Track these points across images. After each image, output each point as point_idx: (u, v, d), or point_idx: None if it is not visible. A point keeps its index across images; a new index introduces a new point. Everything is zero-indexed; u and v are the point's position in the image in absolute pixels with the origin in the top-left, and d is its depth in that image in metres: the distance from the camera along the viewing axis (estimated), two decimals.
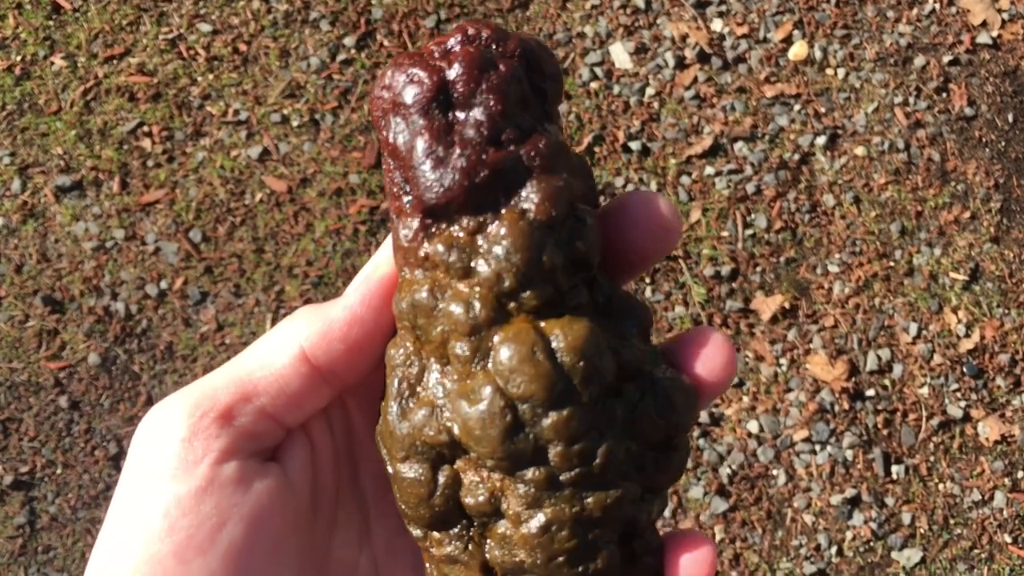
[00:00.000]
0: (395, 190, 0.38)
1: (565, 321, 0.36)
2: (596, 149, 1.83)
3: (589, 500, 0.37)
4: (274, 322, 1.73)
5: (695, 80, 1.87)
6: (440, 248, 0.37)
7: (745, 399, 1.67)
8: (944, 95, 1.85)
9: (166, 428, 0.38)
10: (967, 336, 1.69)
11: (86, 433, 1.69)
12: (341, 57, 1.89)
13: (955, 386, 1.67)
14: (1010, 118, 1.84)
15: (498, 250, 0.36)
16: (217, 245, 1.78)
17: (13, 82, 1.89)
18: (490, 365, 0.36)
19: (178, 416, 0.38)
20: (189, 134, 1.86)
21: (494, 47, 0.38)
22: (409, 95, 0.37)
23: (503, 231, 0.36)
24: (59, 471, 1.67)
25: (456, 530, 0.39)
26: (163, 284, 1.75)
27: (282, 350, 0.39)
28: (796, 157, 1.82)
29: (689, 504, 1.62)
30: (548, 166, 0.37)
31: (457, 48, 0.38)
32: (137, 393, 1.70)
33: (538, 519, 0.37)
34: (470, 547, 0.39)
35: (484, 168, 0.36)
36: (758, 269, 1.75)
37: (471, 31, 0.38)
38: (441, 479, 0.38)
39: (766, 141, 1.83)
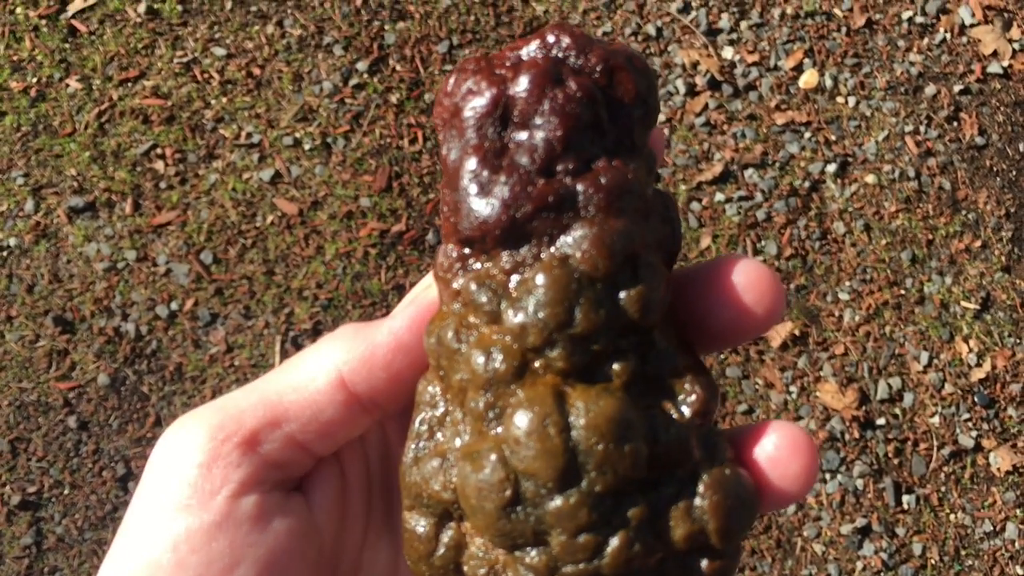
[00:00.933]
0: (444, 209, 0.33)
1: (593, 393, 0.31)
2: None
3: None
4: (283, 345, 1.73)
5: (706, 107, 1.88)
6: (472, 285, 0.33)
7: None
8: (955, 124, 1.85)
9: (184, 450, 0.35)
10: (978, 365, 1.68)
11: (94, 454, 1.69)
12: (354, 82, 1.91)
13: (966, 416, 1.66)
14: (1021, 148, 1.84)
15: (529, 300, 0.32)
16: (228, 267, 1.79)
17: (28, 104, 1.90)
18: (501, 428, 0.32)
19: (199, 438, 0.35)
20: (202, 156, 1.87)
21: (572, 59, 0.33)
22: (467, 107, 0.33)
23: (538, 278, 0.32)
24: (67, 492, 1.67)
25: None
26: (173, 305, 1.76)
27: (318, 373, 0.35)
28: (806, 184, 1.82)
29: None
30: (608, 206, 0.32)
31: (530, 57, 0.33)
32: (146, 414, 1.70)
33: None
34: None
35: (528, 202, 0.32)
36: None
37: (550, 38, 0.33)
38: (445, 538, 0.34)
39: (776, 168, 1.83)
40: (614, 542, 0.32)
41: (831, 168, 1.82)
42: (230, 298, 1.77)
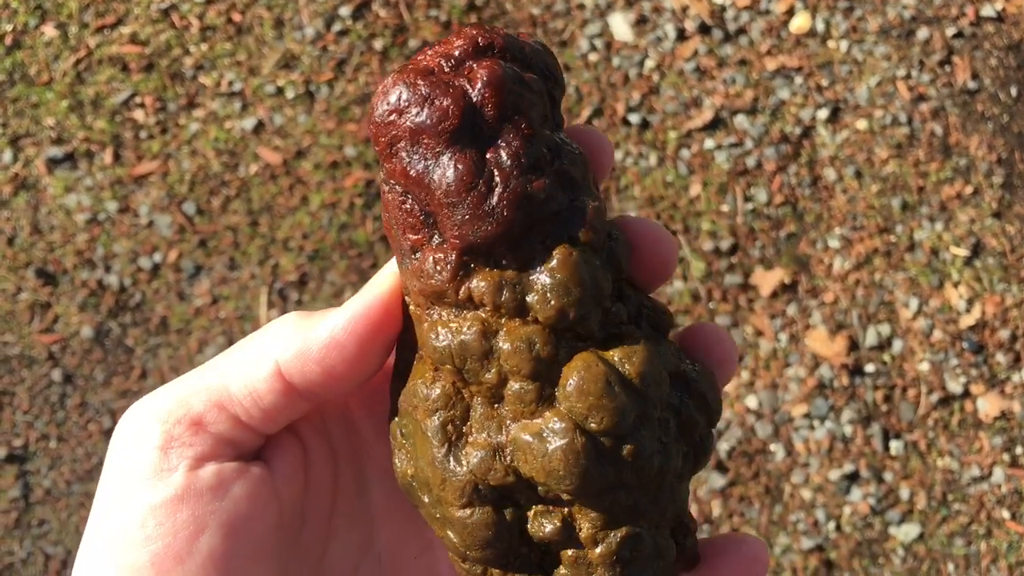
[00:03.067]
0: (412, 222, 0.35)
1: (625, 349, 0.36)
2: (595, 122, 1.81)
3: (656, 510, 0.37)
4: (269, 296, 1.72)
5: (696, 52, 1.85)
6: (484, 286, 0.35)
7: (744, 374, 1.66)
8: (947, 68, 1.83)
9: (141, 436, 0.37)
10: (968, 312, 1.68)
11: (80, 407, 1.67)
12: (336, 28, 1.87)
13: (955, 362, 1.66)
14: (1013, 92, 1.82)
15: (553, 283, 0.34)
16: (211, 218, 1.76)
17: (4, 52, 1.86)
18: (559, 403, 0.35)
19: (151, 423, 0.37)
20: (182, 105, 1.83)
21: (511, 57, 0.36)
22: (431, 121, 0.34)
23: (555, 263, 0.34)
24: (53, 445, 1.66)
25: (517, 563, 0.38)
26: (156, 257, 1.74)
27: (257, 364, 0.38)
28: (797, 131, 1.80)
29: None
30: (589, 188, 0.36)
31: (473, 64, 0.35)
32: (131, 367, 1.69)
33: (615, 536, 0.36)
34: None
35: (529, 201, 0.34)
36: (758, 244, 1.74)
37: (481, 41, 0.35)
38: (508, 518, 0.37)
39: (767, 114, 1.81)
40: (672, 458, 0.37)
41: (822, 114, 1.80)
42: (214, 249, 1.74)
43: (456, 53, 0.35)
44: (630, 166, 1.78)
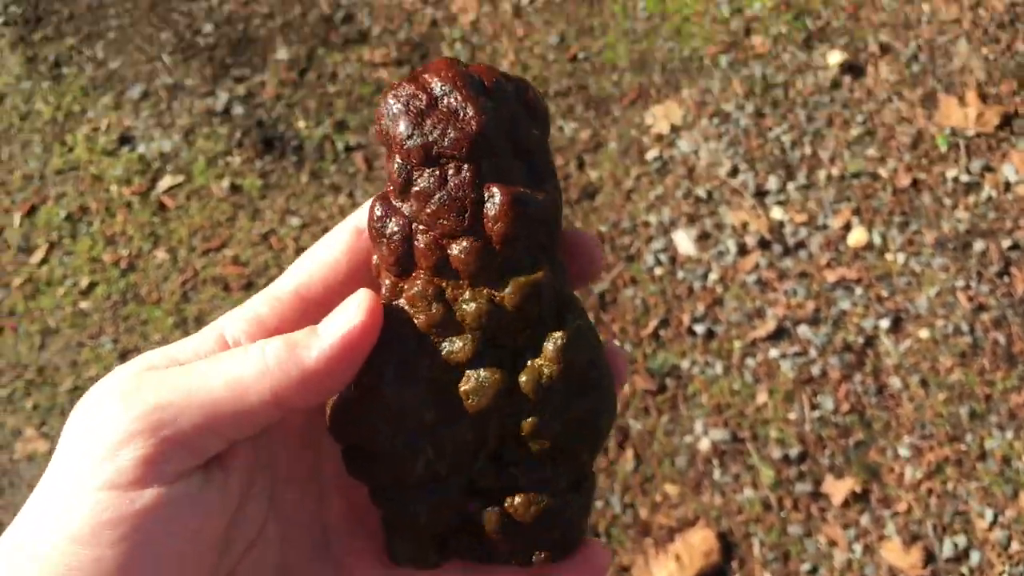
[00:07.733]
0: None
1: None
2: (662, 333, 1.90)
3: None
4: None
5: (756, 266, 1.94)
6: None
7: None
8: (1005, 279, 1.88)
9: (120, 446, 0.36)
10: None
11: None
12: None
13: None
14: None
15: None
16: None
17: (119, 274, 2.05)
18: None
19: (135, 438, 0.36)
20: None
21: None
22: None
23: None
24: None
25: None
26: None
27: (254, 393, 0.37)
28: (860, 340, 1.85)
29: None
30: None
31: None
32: None
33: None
34: None
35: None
36: (827, 452, 1.76)
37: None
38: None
39: (829, 324, 1.87)
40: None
41: (884, 323, 1.86)
42: None
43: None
44: (697, 375, 1.85)
